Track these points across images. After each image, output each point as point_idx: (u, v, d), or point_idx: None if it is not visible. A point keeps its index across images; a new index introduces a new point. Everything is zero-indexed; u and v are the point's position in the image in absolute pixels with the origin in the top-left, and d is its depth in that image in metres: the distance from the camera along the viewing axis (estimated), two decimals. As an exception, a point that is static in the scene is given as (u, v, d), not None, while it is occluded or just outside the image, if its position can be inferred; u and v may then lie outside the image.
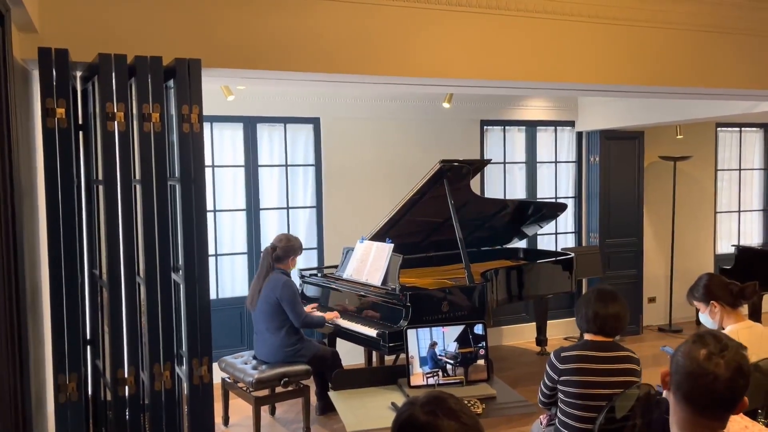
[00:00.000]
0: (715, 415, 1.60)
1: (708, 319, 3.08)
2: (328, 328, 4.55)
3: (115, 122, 2.36)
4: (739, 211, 7.66)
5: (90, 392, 2.74)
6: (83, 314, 2.61)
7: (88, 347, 2.74)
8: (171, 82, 2.45)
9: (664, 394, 1.69)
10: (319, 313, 4.58)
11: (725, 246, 7.47)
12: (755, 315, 5.72)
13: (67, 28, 2.57)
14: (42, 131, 2.34)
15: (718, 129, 7.37)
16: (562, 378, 2.72)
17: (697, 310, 3.16)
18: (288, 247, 4.39)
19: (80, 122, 2.68)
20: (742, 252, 6.31)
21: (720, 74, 3.81)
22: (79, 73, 2.70)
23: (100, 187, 2.53)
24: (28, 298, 2.44)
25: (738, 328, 2.99)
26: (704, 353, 1.58)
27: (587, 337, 2.82)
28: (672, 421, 1.67)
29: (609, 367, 2.69)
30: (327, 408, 4.60)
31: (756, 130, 7.65)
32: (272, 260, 4.39)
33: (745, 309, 3.14)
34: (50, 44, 2.36)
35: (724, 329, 3.04)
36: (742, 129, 7.56)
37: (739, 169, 7.61)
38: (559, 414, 2.78)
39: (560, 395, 2.75)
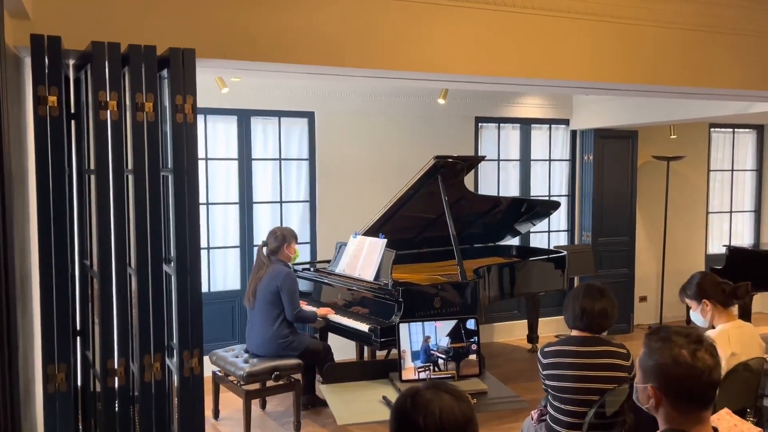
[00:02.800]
0: (710, 404, 1.65)
1: (699, 317, 3.09)
2: (319, 322, 4.54)
3: (108, 111, 2.34)
4: (731, 212, 7.69)
5: (79, 383, 2.72)
6: (73, 304, 2.59)
7: (78, 338, 2.72)
8: (165, 72, 2.43)
9: (648, 408, 1.71)
10: (311, 308, 4.58)
11: (716, 246, 7.50)
12: (745, 316, 5.75)
13: (60, 15, 2.55)
14: (33, 119, 2.32)
15: (712, 129, 7.40)
16: (545, 373, 2.76)
17: (688, 309, 3.17)
18: (278, 237, 4.38)
19: (72, 111, 2.65)
20: (733, 252, 6.34)
21: (714, 74, 3.81)
22: (71, 61, 2.67)
23: (92, 177, 2.51)
24: (18, 287, 2.42)
25: (728, 328, 3.00)
26: (686, 353, 1.61)
27: (573, 333, 2.82)
28: (662, 421, 1.68)
29: (589, 362, 2.69)
30: (311, 403, 4.60)
31: (749, 131, 7.69)
32: (266, 255, 4.38)
33: (735, 309, 3.14)
34: (43, 31, 2.33)
35: (714, 328, 3.06)
36: (735, 130, 7.59)
37: (732, 170, 7.64)
38: (549, 409, 2.80)
39: (549, 390, 2.77)
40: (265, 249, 4.40)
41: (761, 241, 7.72)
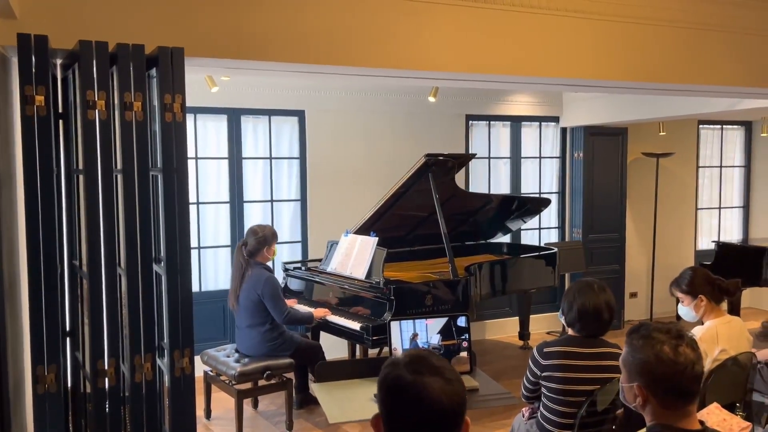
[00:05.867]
0: (695, 398, 1.67)
1: (690, 312, 3.10)
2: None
3: (96, 111, 2.32)
4: (720, 208, 7.75)
5: (69, 384, 2.70)
6: (62, 305, 2.58)
7: (68, 338, 2.71)
8: (153, 71, 2.41)
9: (635, 407, 1.72)
10: (306, 309, 4.56)
11: (706, 242, 7.56)
12: (734, 311, 5.79)
13: (48, 14, 2.53)
14: (21, 119, 2.30)
15: (700, 126, 7.44)
16: (544, 373, 2.72)
17: (677, 303, 3.19)
18: (259, 239, 4.26)
19: (60, 110, 2.63)
20: (722, 248, 6.39)
21: (705, 71, 3.83)
22: (59, 61, 2.65)
23: (81, 177, 2.49)
24: (6, 288, 2.40)
25: (716, 324, 3.02)
26: (668, 349, 1.63)
27: (571, 332, 2.82)
28: (649, 418, 1.69)
29: (592, 363, 2.69)
30: (305, 402, 4.60)
31: (737, 128, 7.74)
32: (245, 256, 4.29)
33: (724, 304, 3.17)
34: (30, 30, 2.31)
35: (703, 323, 3.08)
36: (724, 126, 7.65)
37: (720, 166, 7.69)
38: (541, 408, 2.79)
39: (543, 390, 2.75)
40: (244, 249, 4.30)
41: (749, 236, 7.79)
